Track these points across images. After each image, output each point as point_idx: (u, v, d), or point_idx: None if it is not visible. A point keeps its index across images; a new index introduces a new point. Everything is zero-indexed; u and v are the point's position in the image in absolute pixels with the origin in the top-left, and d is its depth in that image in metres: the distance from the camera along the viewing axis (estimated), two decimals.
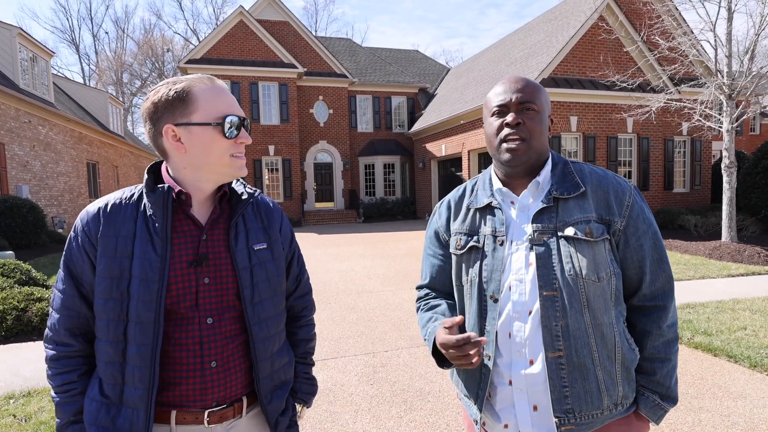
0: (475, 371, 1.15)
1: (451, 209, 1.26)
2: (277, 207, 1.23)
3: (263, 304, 1.09)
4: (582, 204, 1.10)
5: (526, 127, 1.10)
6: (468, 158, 15.73)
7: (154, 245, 0.99)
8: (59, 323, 1.03)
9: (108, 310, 0.99)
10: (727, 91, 8.71)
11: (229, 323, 1.05)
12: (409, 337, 4.45)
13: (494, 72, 15.66)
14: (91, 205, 1.05)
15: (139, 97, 38.61)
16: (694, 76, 11.43)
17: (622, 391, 1.08)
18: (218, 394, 1.04)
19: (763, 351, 3.79)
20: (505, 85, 1.14)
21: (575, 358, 1.04)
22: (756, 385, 3.26)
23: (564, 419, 1.04)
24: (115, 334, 0.99)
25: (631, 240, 1.10)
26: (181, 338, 1.01)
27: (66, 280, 1.03)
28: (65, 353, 1.03)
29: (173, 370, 1.01)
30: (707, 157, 14.03)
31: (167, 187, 1.02)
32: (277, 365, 1.13)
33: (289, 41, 19.29)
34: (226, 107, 1.03)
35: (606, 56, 12.51)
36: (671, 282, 1.13)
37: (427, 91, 21.62)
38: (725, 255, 8.32)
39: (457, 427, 2.77)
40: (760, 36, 8.48)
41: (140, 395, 0.98)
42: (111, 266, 0.99)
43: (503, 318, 1.09)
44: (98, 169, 17.72)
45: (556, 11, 15.31)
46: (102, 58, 37.87)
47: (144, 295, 0.97)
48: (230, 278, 1.05)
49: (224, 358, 1.04)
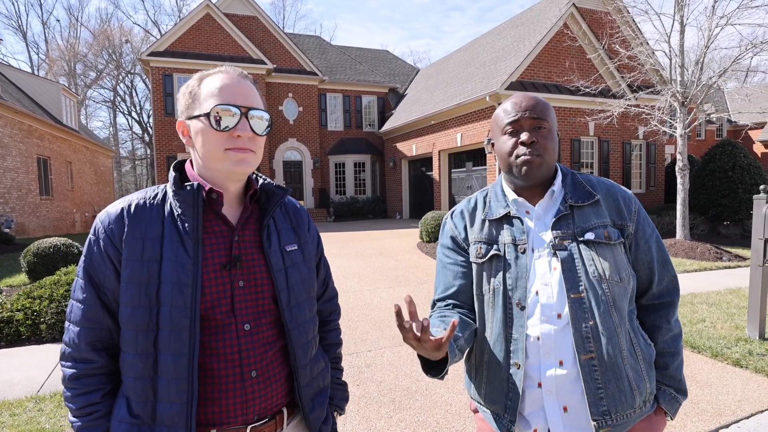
0: (501, 382, 1.13)
1: (466, 219, 1.26)
2: (303, 208, 1.19)
3: (300, 307, 1.04)
4: (597, 210, 1.15)
5: (540, 144, 1.13)
6: (439, 158, 15.94)
7: (185, 247, 0.93)
8: (79, 337, 0.94)
9: (136, 318, 0.91)
10: (681, 99, 9.26)
11: (267, 329, 1.00)
12: (391, 336, 4.48)
13: (463, 74, 15.94)
14: (111, 206, 0.98)
15: (94, 89, 36.70)
16: (651, 84, 12.07)
17: (649, 387, 1.12)
18: (260, 406, 0.97)
19: (723, 341, 4.07)
20: (516, 103, 1.16)
21: (607, 359, 1.06)
22: (719, 373, 3.50)
23: (602, 422, 1.05)
24: (144, 346, 0.91)
25: (640, 243, 1.17)
26: (218, 347, 0.94)
27: (86, 289, 0.94)
28: (86, 371, 0.94)
29: (211, 383, 0.93)
30: (661, 159, 14.87)
31: (197, 184, 0.95)
32: (316, 371, 1.09)
33: (258, 37, 18.88)
34: (223, 97, 0.94)
35: (571, 62, 13.01)
36: (676, 279, 1.20)
37: (397, 91, 21.72)
38: (680, 252, 8.85)
39: (447, 425, 2.82)
40: (708, 48, 9.07)
41: (178, 410, 0.90)
42: (138, 271, 0.91)
43: (532, 322, 1.10)
44: (50, 164, 16.70)
45: (523, 17, 15.76)
46: (53, 47, 35.69)
47: (177, 300, 0.90)
48: (265, 281, 1.00)
49: (264, 366, 0.98)
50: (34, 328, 4.36)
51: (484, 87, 13.04)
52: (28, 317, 4.36)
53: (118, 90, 37.26)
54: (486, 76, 13.81)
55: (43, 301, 4.41)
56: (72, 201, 18.72)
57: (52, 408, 3.01)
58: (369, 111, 21.21)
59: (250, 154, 0.97)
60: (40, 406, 3.06)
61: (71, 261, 6.58)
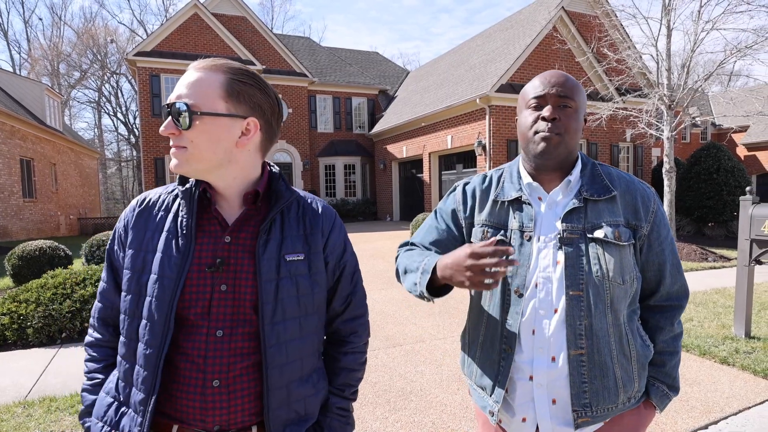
0: (492, 363, 1.14)
1: (476, 198, 1.23)
2: (328, 213, 1.08)
3: (286, 325, 0.95)
4: (611, 207, 1.11)
5: (562, 123, 1.09)
6: (429, 160, 15.99)
7: (177, 242, 0.95)
8: (97, 311, 1.06)
9: (126, 304, 0.97)
10: (667, 102, 9.44)
11: (242, 339, 0.93)
12: (385, 338, 4.48)
13: (454, 76, 16.03)
14: (138, 196, 1.07)
15: (78, 90, 36.10)
16: (639, 87, 12.28)
17: (637, 386, 1.13)
18: (221, 417, 0.92)
19: (710, 340, 4.15)
20: (545, 78, 1.12)
21: (596, 357, 1.07)
22: (707, 371, 3.57)
23: (581, 412, 1.07)
24: (129, 331, 0.96)
25: (654, 245, 1.13)
26: (187, 347, 0.92)
27: (106, 270, 1.05)
28: (97, 342, 1.05)
29: (176, 380, 0.93)
30: (648, 162, 15.12)
31: (193, 182, 0.98)
32: (296, 396, 0.98)
33: (247, 37, 18.76)
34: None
35: (560, 65, 13.16)
36: (686, 285, 1.20)
37: (387, 92, 21.76)
38: None
39: (443, 425, 2.83)
40: (695, 52, 9.26)
41: (141, 399, 0.92)
42: (135, 259, 0.97)
43: (527, 315, 1.09)
44: (33, 166, 16.37)
45: (513, 20, 15.92)
46: (35, 46, 35.06)
47: (158, 293, 0.92)
48: (249, 289, 0.94)
49: (230, 378, 0.92)
50: (21, 333, 4.26)
51: (475, 89, 13.13)
52: (14, 321, 4.26)
53: (103, 91, 36.70)
54: (476, 78, 13.90)
55: (29, 304, 4.32)
56: (56, 203, 18.37)
57: (41, 413, 2.95)
58: (359, 113, 21.21)
59: (182, 152, 0.92)
60: (29, 411, 2.99)
61: (58, 264, 6.46)
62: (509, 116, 12.78)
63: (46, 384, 3.46)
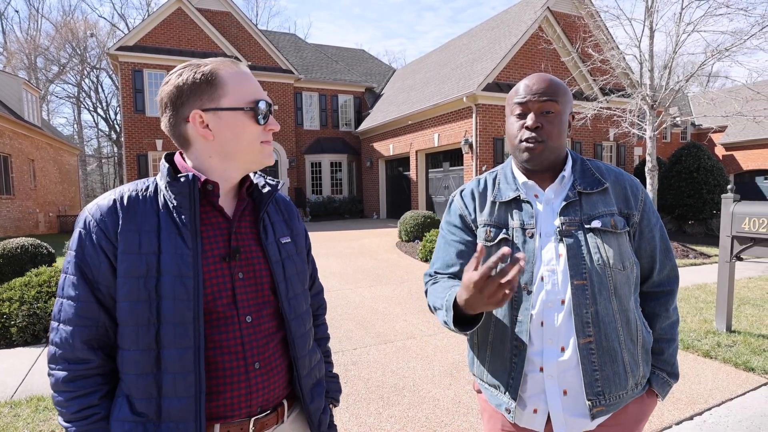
0: (504, 360, 1.17)
1: (476, 200, 1.26)
2: (291, 201, 1.21)
3: (297, 299, 1.06)
4: (604, 198, 1.17)
5: (545, 130, 1.14)
6: (416, 158, 16.04)
7: (183, 238, 0.92)
8: (73, 336, 0.88)
9: (136, 313, 0.88)
10: (650, 102, 9.64)
11: (267, 320, 1.01)
12: (375, 334, 4.50)
13: (440, 75, 16.09)
14: (101, 199, 0.94)
15: (57, 84, 35.15)
16: (622, 87, 12.51)
17: (642, 371, 1.17)
18: (263, 398, 0.98)
19: (693, 334, 4.27)
20: (527, 85, 1.16)
21: (604, 343, 1.10)
22: (690, 364, 3.67)
23: (596, 401, 1.10)
24: (145, 341, 0.89)
25: (645, 232, 1.19)
26: (222, 340, 0.94)
27: (79, 285, 0.89)
28: (82, 372, 0.89)
29: (216, 376, 0.93)
30: (630, 161, 15.43)
31: (192, 175, 0.93)
32: (314, 362, 1.11)
33: (232, 33, 18.51)
34: (256, 92, 0.98)
35: (546, 65, 13.33)
36: (676, 269, 1.25)
37: (373, 90, 21.73)
38: None
39: (436, 419, 2.86)
40: (676, 53, 9.48)
41: (185, 405, 0.89)
42: (136, 264, 0.89)
43: (537, 308, 1.13)
44: (11, 162, 15.91)
45: (498, 19, 16.05)
46: (11, 39, 33.98)
47: (180, 293, 0.89)
48: (264, 272, 1.01)
49: (266, 358, 0.99)
50: (4, 332, 4.16)
51: (461, 88, 13.21)
52: None
53: (83, 85, 35.79)
54: (463, 77, 13.98)
55: (13, 303, 4.22)
56: (35, 200, 17.89)
57: (29, 413, 2.89)
58: (345, 110, 21.13)
59: (272, 146, 1.04)
60: (16, 411, 2.93)
61: (41, 262, 6.31)
62: (496, 115, 12.90)
63: (32, 383, 3.39)
